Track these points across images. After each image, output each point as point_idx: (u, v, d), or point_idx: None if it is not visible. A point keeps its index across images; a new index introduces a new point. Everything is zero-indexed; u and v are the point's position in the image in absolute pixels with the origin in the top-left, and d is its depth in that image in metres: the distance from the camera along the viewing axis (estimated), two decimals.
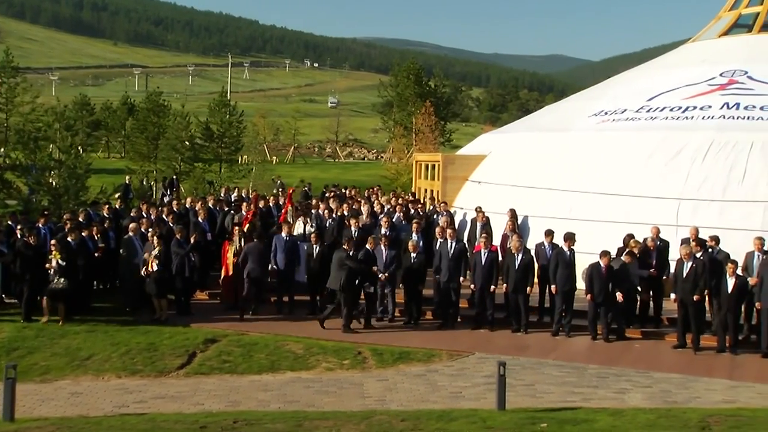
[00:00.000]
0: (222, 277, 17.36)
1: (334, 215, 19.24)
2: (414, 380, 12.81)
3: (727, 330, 14.30)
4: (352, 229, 17.41)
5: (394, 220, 19.06)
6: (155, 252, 15.94)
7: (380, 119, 62.34)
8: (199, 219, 18.76)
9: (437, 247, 16.44)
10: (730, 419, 10.45)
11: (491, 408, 11.19)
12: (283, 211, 19.87)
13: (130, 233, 16.80)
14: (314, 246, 16.81)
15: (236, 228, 17.54)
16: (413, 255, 16.04)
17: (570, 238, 15.59)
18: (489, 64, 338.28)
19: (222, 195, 24.39)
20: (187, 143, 35.77)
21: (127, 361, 13.37)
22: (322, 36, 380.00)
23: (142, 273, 15.98)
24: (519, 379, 12.70)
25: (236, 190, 26.59)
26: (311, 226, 18.21)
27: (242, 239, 17.18)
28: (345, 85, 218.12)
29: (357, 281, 15.54)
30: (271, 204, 21.14)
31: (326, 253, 16.88)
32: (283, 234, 17.25)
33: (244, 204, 19.93)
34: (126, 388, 12.18)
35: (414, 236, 16.92)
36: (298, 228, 18.35)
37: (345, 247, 15.71)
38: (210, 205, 20.15)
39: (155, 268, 15.87)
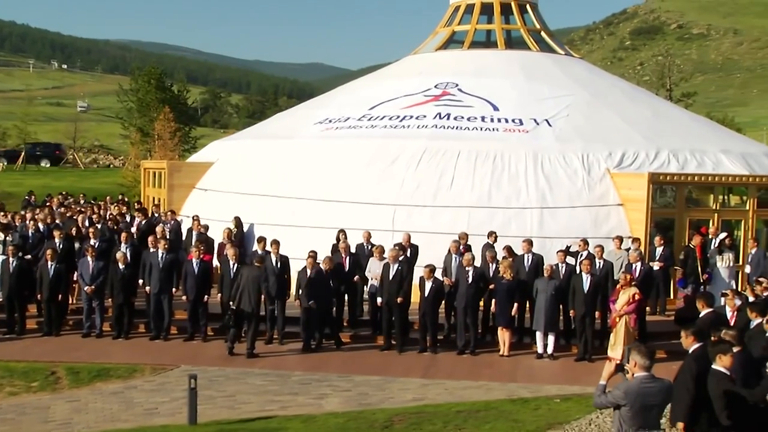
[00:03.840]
0: None
1: (39, 226, 17.89)
2: (108, 399, 12.13)
3: (427, 330, 14.91)
4: (56, 240, 16.25)
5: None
6: None
7: (120, 125, 59.43)
8: None
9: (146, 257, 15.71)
10: (413, 416, 10.86)
11: (184, 423, 10.83)
12: None
13: None
14: (11, 259, 15.53)
15: None
16: (121, 266, 15.32)
17: (275, 243, 15.55)
18: (250, 71, 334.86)
19: None
20: None
21: None
22: (71, 36, 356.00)
23: None
24: (221, 391, 12.44)
25: None
26: (10, 237, 16.78)
27: None
28: (98, 88, 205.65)
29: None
30: None
31: (25, 266, 15.73)
32: None
33: None
34: None
35: (123, 246, 16.09)
36: None
37: (257, 264, 14.54)
38: None
39: None
